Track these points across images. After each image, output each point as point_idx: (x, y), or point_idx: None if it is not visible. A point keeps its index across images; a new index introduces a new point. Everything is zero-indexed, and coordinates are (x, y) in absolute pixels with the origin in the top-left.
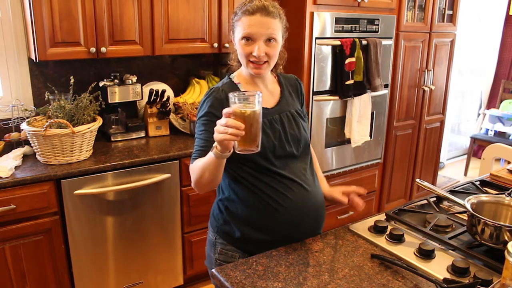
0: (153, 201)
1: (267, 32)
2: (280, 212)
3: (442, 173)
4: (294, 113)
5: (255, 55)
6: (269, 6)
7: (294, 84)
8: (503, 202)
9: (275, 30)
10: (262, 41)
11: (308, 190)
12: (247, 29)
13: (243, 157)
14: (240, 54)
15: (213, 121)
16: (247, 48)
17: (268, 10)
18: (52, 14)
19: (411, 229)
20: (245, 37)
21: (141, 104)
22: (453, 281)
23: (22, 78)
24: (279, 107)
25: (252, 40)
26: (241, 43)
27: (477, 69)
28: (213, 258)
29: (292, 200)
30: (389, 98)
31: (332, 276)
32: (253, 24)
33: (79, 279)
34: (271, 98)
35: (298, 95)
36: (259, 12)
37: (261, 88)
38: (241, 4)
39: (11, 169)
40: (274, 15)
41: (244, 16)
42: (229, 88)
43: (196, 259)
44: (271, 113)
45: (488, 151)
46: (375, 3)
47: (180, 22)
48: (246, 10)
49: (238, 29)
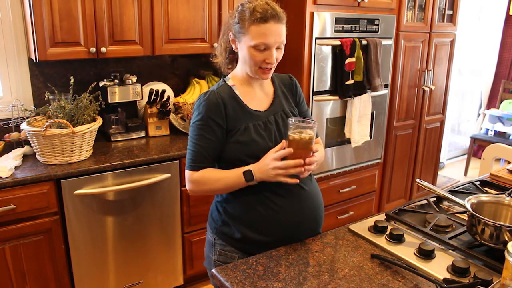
0: (153, 201)
1: (280, 39)
2: (279, 213)
3: (442, 173)
4: (288, 112)
5: (268, 62)
6: (279, 10)
7: (288, 83)
8: (503, 202)
9: (284, 36)
10: (275, 48)
11: (306, 190)
12: (262, 39)
13: (239, 160)
14: (248, 60)
15: (209, 125)
16: (260, 55)
17: (280, 17)
18: (52, 14)
19: (411, 229)
20: (260, 45)
21: (141, 104)
22: (453, 281)
23: (22, 78)
24: (273, 108)
25: (266, 49)
26: (251, 50)
27: (477, 69)
28: (212, 259)
29: (290, 200)
30: (389, 98)
31: (332, 276)
32: (268, 33)
33: (79, 279)
34: (265, 100)
35: (292, 94)
36: (273, 20)
37: (256, 89)
38: (249, 8)
39: (11, 169)
40: (284, 20)
41: (256, 23)
42: (224, 91)
43: (196, 259)
44: (266, 115)
45: (488, 151)
46: (375, 3)
47: (180, 22)
48: (257, 18)
49: (249, 36)
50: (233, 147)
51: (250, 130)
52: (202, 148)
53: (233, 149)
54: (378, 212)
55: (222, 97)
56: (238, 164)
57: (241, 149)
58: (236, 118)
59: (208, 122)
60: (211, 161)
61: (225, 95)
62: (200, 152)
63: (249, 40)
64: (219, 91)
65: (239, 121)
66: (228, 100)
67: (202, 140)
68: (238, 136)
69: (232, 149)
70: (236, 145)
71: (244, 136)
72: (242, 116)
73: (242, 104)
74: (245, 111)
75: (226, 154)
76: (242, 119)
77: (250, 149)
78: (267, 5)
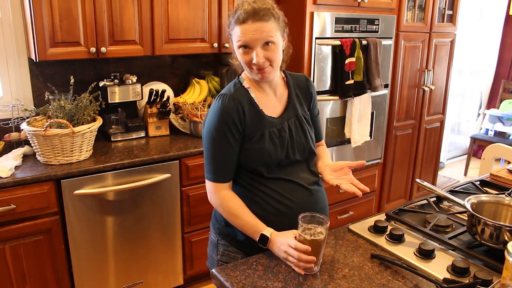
0: (153, 201)
1: (261, 36)
2: (284, 216)
3: (442, 173)
4: (301, 118)
5: (255, 63)
6: (260, 9)
7: (304, 85)
8: (503, 202)
9: (271, 32)
10: (259, 47)
11: (312, 192)
12: (241, 38)
13: (248, 167)
14: (241, 62)
15: (227, 133)
16: (246, 56)
17: (259, 14)
18: (52, 14)
19: (411, 229)
20: (242, 46)
21: (141, 104)
22: (453, 281)
23: (22, 78)
24: (286, 113)
25: (250, 48)
26: (239, 51)
27: (477, 69)
28: (215, 259)
29: (295, 203)
30: (389, 98)
31: (332, 276)
32: (246, 32)
33: (79, 279)
34: (279, 105)
35: (306, 96)
36: (250, 19)
37: (268, 93)
38: (233, 11)
39: (11, 169)
40: (267, 17)
41: (236, 25)
42: (241, 94)
43: (196, 259)
44: (280, 121)
45: (488, 151)
46: (375, 3)
47: (180, 22)
48: (237, 19)
49: (234, 38)
50: (246, 153)
51: (265, 138)
52: (222, 156)
53: (245, 157)
54: (378, 212)
55: (240, 101)
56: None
57: (254, 158)
58: (253, 124)
59: (225, 130)
60: (231, 170)
61: (242, 99)
62: (220, 162)
63: (235, 42)
64: (236, 96)
65: (255, 127)
66: (246, 105)
67: (221, 149)
68: (253, 143)
69: (244, 156)
70: (249, 152)
71: (258, 145)
72: (259, 122)
73: (258, 109)
74: (261, 117)
75: (238, 161)
76: (258, 125)
77: (262, 159)
78: (248, 6)
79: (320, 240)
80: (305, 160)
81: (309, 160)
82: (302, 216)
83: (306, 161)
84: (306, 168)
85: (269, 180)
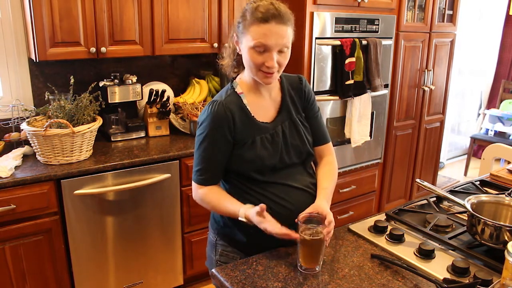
0: (153, 201)
1: (282, 42)
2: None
3: (442, 173)
4: (295, 120)
5: (268, 66)
6: (283, 11)
7: (297, 86)
8: (503, 202)
9: (289, 39)
10: (276, 51)
11: (309, 193)
12: (261, 39)
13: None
14: (248, 62)
15: (216, 139)
16: (259, 58)
17: (283, 17)
18: (52, 14)
19: (411, 229)
20: (257, 46)
21: (141, 104)
22: (453, 281)
23: (22, 78)
24: (280, 117)
25: (266, 50)
26: (251, 51)
27: (477, 69)
28: (214, 259)
29: (292, 204)
30: (389, 98)
31: (332, 276)
32: (268, 34)
33: (79, 279)
34: (272, 109)
35: (300, 98)
36: (274, 20)
37: (264, 95)
38: (251, 8)
39: (11, 169)
40: (289, 22)
41: (257, 23)
42: (232, 101)
43: (196, 259)
44: (273, 126)
45: (488, 151)
46: (375, 3)
47: (180, 22)
48: (260, 17)
49: (249, 37)
50: (238, 160)
51: (256, 144)
52: (208, 162)
53: (237, 162)
54: (378, 212)
55: (230, 109)
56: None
57: (246, 164)
58: (244, 131)
59: (215, 135)
60: (217, 175)
61: (233, 106)
62: (206, 166)
63: (249, 41)
64: (227, 102)
65: (246, 134)
66: (236, 112)
67: (208, 153)
68: (244, 150)
69: (236, 162)
70: (241, 158)
71: (250, 153)
72: (250, 129)
73: (250, 116)
74: (253, 124)
75: (231, 166)
76: (249, 132)
77: (255, 166)
78: (271, 5)
79: (320, 240)
80: (301, 163)
81: (306, 162)
82: (301, 216)
83: (302, 164)
84: (303, 170)
85: (265, 184)
